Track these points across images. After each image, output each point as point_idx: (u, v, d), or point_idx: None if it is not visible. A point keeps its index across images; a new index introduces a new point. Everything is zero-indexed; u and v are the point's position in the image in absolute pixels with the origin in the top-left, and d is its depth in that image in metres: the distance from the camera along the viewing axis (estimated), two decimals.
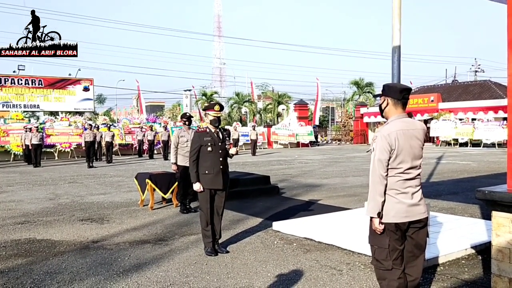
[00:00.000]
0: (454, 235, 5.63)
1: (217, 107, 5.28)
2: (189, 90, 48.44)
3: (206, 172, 5.12)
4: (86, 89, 29.30)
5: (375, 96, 3.82)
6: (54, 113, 28.09)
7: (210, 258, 5.00)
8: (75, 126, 24.67)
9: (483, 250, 5.01)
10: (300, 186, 11.24)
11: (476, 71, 54.89)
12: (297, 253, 5.19)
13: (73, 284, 4.22)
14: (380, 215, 2.96)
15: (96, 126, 23.73)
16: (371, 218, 3.00)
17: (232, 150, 5.42)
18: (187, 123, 8.05)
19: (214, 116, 5.26)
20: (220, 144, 5.23)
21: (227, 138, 5.41)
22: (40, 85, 27.67)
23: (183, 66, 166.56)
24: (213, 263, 4.83)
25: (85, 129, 20.71)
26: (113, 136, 21.14)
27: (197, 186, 5.14)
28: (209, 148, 5.15)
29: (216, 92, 48.00)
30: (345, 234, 5.67)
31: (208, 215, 5.18)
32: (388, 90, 3.09)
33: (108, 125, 23.72)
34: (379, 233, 3.00)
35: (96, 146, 20.01)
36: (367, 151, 3.17)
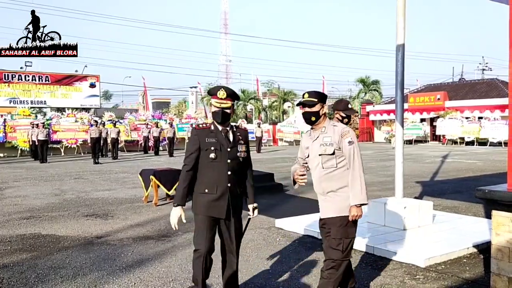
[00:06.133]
0: (457, 234, 5.62)
1: (221, 93, 3.34)
2: (195, 87, 48.49)
3: (206, 191, 3.38)
4: (92, 85, 29.42)
5: (298, 105, 3.52)
6: (60, 109, 28.25)
7: (212, 254, 5.02)
8: (81, 122, 24.83)
9: (485, 249, 5.00)
10: None
11: (483, 69, 54.55)
12: (299, 251, 5.21)
13: (76, 279, 4.28)
14: None
15: (102, 122, 23.87)
16: (361, 205, 3.21)
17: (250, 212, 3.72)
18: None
19: (216, 107, 3.38)
20: (229, 149, 3.39)
21: (241, 142, 3.49)
22: (47, 81, 27.83)
23: (190, 63, 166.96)
24: (215, 260, 4.83)
25: (91, 125, 20.84)
26: (118, 132, 21.25)
27: (175, 214, 3.48)
28: (212, 155, 3.35)
29: None
30: None
31: (206, 259, 3.46)
32: (325, 99, 3.36)
33: (114, 122, 23.85)
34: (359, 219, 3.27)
35: (101, 142, 20.13)
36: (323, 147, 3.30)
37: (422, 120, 35.13)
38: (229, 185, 3.39)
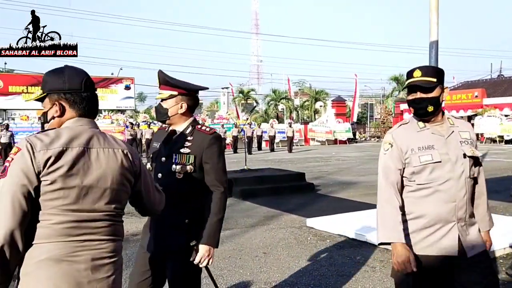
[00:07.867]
0: (493, 234, 5.44)
1: (157, 81, 2.48)
2: (227, 88, 48.91)
3: None
4: (127, 87, 30.19)
5: (406, 88, 2.25)
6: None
7: (244, 253, 5.10)
8: (116, 123, 25.52)
9: None
10: (336, 183, 11.17)
11: None
12: (330, 250, 5.20)
13: None
14: None
15: (137, 123, 24.47)
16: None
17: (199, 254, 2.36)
18: None
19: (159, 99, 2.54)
20: (163, 159, 2.43)
21: (183, 151, 2.38)
22: None
23: (221, 64, 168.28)
24: (247, 258, 4.92)
25: (126, 126, 21.40)
26: (152, 133, 21.71)
27: None
28: (148, 165, 2.54)
29: (253, 89, 48.13)
30: None
31: None
32: (443, 78, 2.25)
33: (148, 123, 24.39)
34: None
35: (136, 143, 20.64)
36: None
37: (459, 118, 34.16)
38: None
